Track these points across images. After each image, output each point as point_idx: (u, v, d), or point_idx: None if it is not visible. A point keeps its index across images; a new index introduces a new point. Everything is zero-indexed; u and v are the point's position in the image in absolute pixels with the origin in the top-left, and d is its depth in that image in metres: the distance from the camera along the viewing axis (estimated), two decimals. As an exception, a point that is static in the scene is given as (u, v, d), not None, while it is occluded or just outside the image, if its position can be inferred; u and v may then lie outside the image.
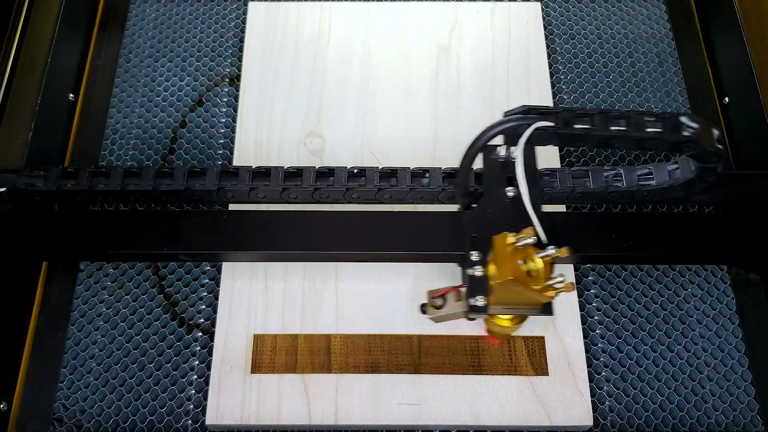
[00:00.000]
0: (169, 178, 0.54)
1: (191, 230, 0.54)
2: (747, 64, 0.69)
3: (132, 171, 0.54)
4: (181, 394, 0.58)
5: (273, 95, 0.69)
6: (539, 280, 0.46)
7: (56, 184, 0.54)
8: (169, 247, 0.54)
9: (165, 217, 0.55)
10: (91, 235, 0.55)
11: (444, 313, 0.54)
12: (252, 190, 0.55)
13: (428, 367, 0.57)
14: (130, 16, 0.77)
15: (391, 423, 0.55)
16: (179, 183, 0.54)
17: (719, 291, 0.63)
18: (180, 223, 0.54)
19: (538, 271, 0.46)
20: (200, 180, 0.55)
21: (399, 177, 0.56)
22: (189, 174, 0.54)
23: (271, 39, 0.73)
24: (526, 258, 0.47)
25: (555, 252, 0.46)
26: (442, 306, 0.54)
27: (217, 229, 0.54)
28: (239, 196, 0.56)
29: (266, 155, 0.66)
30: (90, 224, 0.54)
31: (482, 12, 0.75)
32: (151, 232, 0.54)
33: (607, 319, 0.62)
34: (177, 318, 0.61)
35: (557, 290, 0.46)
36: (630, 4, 0.78)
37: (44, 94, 0.66)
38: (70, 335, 0.60)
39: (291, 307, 0.59)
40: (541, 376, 0.57)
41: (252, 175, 0.55)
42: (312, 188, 0.55)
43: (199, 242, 0.54)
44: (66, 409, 0.58)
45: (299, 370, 0.57)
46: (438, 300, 0.54)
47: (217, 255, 0.59)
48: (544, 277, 0.46)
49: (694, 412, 0.58)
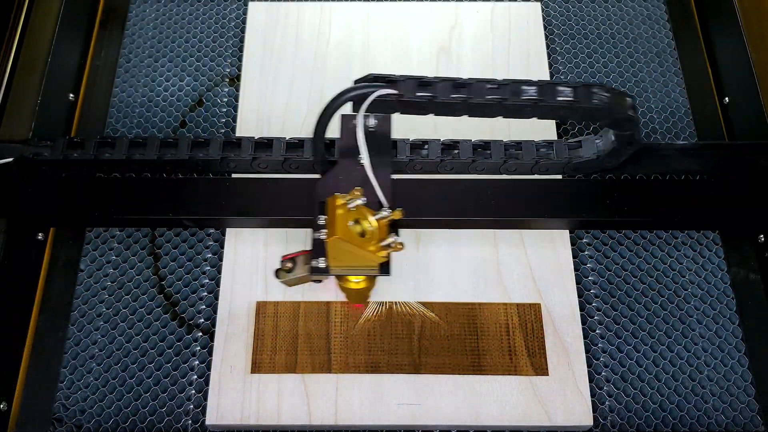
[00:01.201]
0: (173, 148, 0.55)
1: (195, 196, 0.55)
2: (747, 64, 0.69)
3: (137, 141, 0.55)
4: (181, 394, 0.58)
5: (273, 95, 0.69)
6: (373, 241, 0.48)
7: (63, 153, 0.55)
8: (174, 213, 0.55)
9: (169, 184, 0.56)
10: (97, 201, 0.55)
11: (294, 276, 0.55)
12: (254, 160, 0.56)
13: (428, 367, 0.57)
14: (130, 16, 0.77)
15: (391, 423, 0.55)
16: (183, 153, 0.55)
17: (719, 291, 0.63)
18: (184, 189, 0.55)
19: (372, 232, 0.48)
20: (204, 150, 0.56)
21: (398, 148, 0.57)
22: (193, 144, 0.55)
23: (271, 39, 0.73)
24: (360, 219, 0.49)
25: (388, 214, 0.48)
26: (293, 269, 0.55)
27: (219, 196, 0.55)
28: (242, 165, 0.56)
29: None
30: (96, 191, 0.55)
31: (482, 12, 0.75)
32: (155, 198, 0.55)
33: (607, 319, 0.62)
34: (177, 318, 0.61)
35: (389, 250, 0.48)
36: (630, 4, 0.78)
37: (44, 94, 0.66)
38: (70, 335, 0.60)
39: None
40: (541, 376, 0.57)
41: (254, 145, 0.56)
42: (313, 159, 0.56)
43: (202, 208, 0.55)
44: (66, 409, 0.58)
45: (299, 370, 0.57)
46: (288, 263, 0.55)
47: (220, 221, 0.59)
48: (379, 237, 0.48)
49: (694, 412, 0.58)
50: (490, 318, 0.59)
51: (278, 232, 0.62)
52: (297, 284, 0.57)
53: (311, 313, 0.59)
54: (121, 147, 0.55)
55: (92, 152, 0.55)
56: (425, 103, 0.49)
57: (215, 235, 0.64)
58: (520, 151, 0.56)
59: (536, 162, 0.55)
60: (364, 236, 0.48)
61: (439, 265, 0.61)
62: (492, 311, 0.59)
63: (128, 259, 0.64)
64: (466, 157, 0.56)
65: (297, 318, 0.59)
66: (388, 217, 0.48)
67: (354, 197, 0.48)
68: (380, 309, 0.59)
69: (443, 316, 0.59)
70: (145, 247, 0.64)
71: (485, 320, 0.59)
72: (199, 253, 0.64)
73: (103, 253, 0.64)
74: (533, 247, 0.61)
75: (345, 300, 0.58)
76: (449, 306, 0.59)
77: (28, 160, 0.55)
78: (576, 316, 0.59)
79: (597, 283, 0.63)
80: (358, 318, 0.59)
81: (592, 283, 0.63)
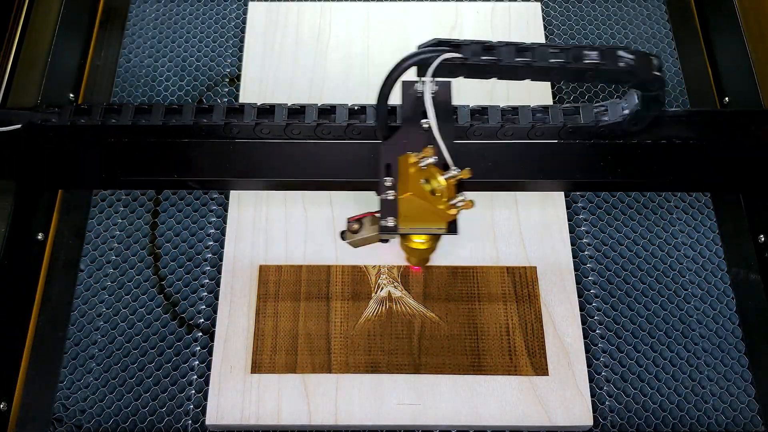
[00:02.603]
0: (177, 114, 0.56)
1: (200, 159, 0.56)
2: (747, 64, 0.69)
3: (143, 107, 0.56)
4: (181, 394, 0.58)
5: (273, 95, 0.69)
6: (442, 200, 0.49)
7: (70, 119, 0.56)
8: (179, 175, 0.56)
9: (175, 147, 0.57)
10: (105, 163, 0.56)
11: (360, 237, 0.56)
12: (257, 126, 0.56)
13: (428, 367, 0.57)
14: (130, 16, 0.77)
15: (391, 423, 0.55)
16: (188, 118, 0.56)
17: (719, 291, 0.63)
18: (189, 152, 0.56)
19: (441, 190, 0.49)
20: (207, 116, 0.56)
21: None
22: (197, 110, 0.56)
23: (271, 39, 0.73)
24: (430, 178, 0.50)
25: (457, 173, 0.49)
26: (359, 230, 0.56)
27: (224, 159, 0.56)
28: (245, 131, 0.57)
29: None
30: (103, 154, 0.56)
31: (482, 12, 0.75)
32: (161, 161, 0.56)
33: (607, 319, 0.62)
34: (177, 318, 0.61)
35: (459, 208, 0.49)
36: (630, 4, 0.78)
37: (44, 94, 0.66)
38: (70, 335, 0.60)
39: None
40: (541, 376, 0.57)
41: (257, 111, 0.57)
42: (314, 124, 0.56)
43: (207, 170, 0.56)
44: (66, 409, 0.58)
45: (299, 370, 0.57)
46: (354, 224, 0.56)
47: (224, 182, 0.60)
48: (447, 196, 0.49)
49: (694, 412, 0.58)
50: (490, 318, 0.59)
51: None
52: (362, 245, 0.58)
53: (311, 313, 0.59)
54: (126, 113, 0.56)
55: (99, 118, 0.56)
56: (489, 66, 0.49)
57: (215, 235, 0.65)
58: (516, 116, 0.57)
59: (532, 126, 0.56)
60: (434, 194, 0.49)
61: None
62: (492, 311, 0.59)
63: (128, 259, 0.64)
64: (464, 122, 0.57)
65: (297, 318, 0.59)
66: (457, 176, 0.49)
67: (426, 155, 0.49)
68: (380, 309, 0.59)
69: (443, 316, 0.59)
70: (145, 247, 0.64)
71: (485, 320, 0.59)
72: (200, 253, 0.64)
73: (103, 253, 0.64)
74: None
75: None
76: (449, 306, 0.59)
77: (37, 126, 0.56)
78: (576, 316, 0.59)
79: (597, 283, 0.63)
80: (358, 318, 0.59)
81: (592, 283, 0.63)
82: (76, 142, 0.57)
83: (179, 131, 0.56)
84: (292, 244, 0.62)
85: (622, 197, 0.67)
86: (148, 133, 0.56)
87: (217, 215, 0.66)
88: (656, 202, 0.67)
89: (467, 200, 0.49)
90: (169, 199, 0.67)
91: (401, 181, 0.49)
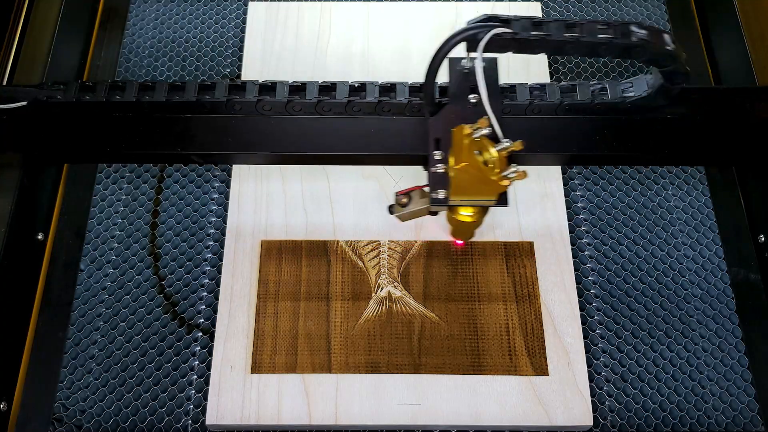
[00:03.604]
0: (181, 91, 0.57)
1: (203, 133, 0.57)
2: (747, 65, 0.69)
3: (146, 85, 0.57)
4: (181, 394, 0.58)
5: (273, 95, 0.69)
6: (494, 171, 0.49)
7: (75, 96, 0.57)
8: (182, 148, 0.57)
9: (178, 121, 0.58)
10: (109, 137, 0.57)
11: (409, 210, 0.57)
12: (258, 102, 0.57)
13: (428, 367, 0.57)
14: (130, 16, 0.77)
15: (391, 423, 0.55)
16: (191, 95, 0.57)
17: (719, 291, 0.63)
18: (192, 127, 0.57)
19: (493, 161, 0.50)
20: (210, 92, 0.57)
21: (398, 91, 0.58)
22: (200, 87, 0.57)
23: (271, 39, 0.73)
24: (482, 150, 0.50)
25: (509, 144, 0.49)
26: (407, 204, 0.57)
27: (226, 133, 0.57)
28: (247, 108, 0.58)
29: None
30: (107, 128, 0.57)
31: (482, 12, 0.74)
32: (165, 135, 0.57)
33: (607, 319, 0.62)
34: (177, 318, 0.61)
35: (511, 179, 0.49)
36: (630, 4, 0.78)
37: (44, 93, 0.66)
38: (70, 335, 0.60)
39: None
40: (541, 376, 0.57)
41: (259, 88, 0.57)
42: (315, 100, 0.57)
43: (209, 144, 0.57)
44: (66, 409, 0.58)
45: (299, 370, 0.57)
46: (403, 198, 0.57)
47: (226, 156, 0.60)
48: (500, 168, 0.50)
49: (694, 412, 0.58)
50: (490, 318, 0.59)
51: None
52: (410, 218, 0.59)
53: (311, 313, 0.59)
54: (131, 90, 0.57)
55: (103, 95, 0.57)
56: (538, 41, 0.50)
57: (215, 235, 0.65)
58: (514, 93, 0.57)
59: (529, 104, 0.57)
60: (486, 165, 0.50)
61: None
62: (492, 311, 0.59)
63: (128, 259, 0.64)
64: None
65: (297, 318, 0.59)
66: (509, 148, 0.50)
67: (480, 126, 0.50)
68: (380, 309, 0.59)
69: (443, 316, 0.59)
70: (145, 247, 0.64)
71: (485, 320, 0.59)
72: (200, 253, 0.64)
73: (103, 253, 0.64)
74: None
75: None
76: (449, 306, 0.59)
77: (42, 102, 0.56)
78: (576, 316, 0.59)
79: (597, 283, 0.63)
80: (358, 318, 0.59)
81: (592, 283, 0.63)
82: (81, 117, 0.58)
83: (182, 108, 0.57)
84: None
85: (623, 197, 0.67)
86: (152, 109, 0.57)
87: (217, 215, 0.66)
88: (656, 202, 0.67)
89: (520, 171, 0.49)
90: (169, 199, 0.67)
91: (455, 152, 0.50)
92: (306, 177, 0.65)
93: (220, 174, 0.68)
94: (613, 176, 0.68)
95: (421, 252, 0.62)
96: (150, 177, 0.68)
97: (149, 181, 0.67)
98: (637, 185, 0.68)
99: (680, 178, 0.68)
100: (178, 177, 0.68)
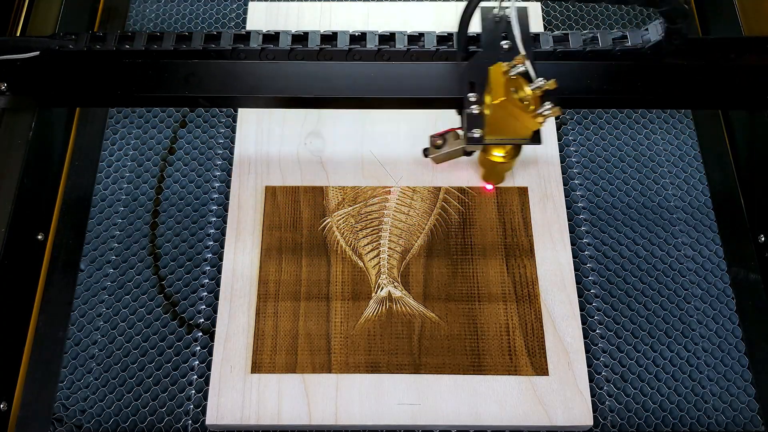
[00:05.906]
0: (188, 40, 0.59)
1: (210, 77, 0.58)
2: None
3: (155, 35, 0.59)
4: (181, 394, 0.58)
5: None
6: (529, 109, 0.50)
7: (86, 45, 0.59)
8: (190, 92, 0.58)
9: (186, 67, 0.59)
10: (119, 82, 0.59)
11: (444, 152, 0.58)
12: (262, 51, 0.59)
13: (428, 367, 0.57)
14: (130, 16, 0.77)
15: (391, 423, 0.55)
16: (197, 44, 0.59)
17: (719, 291, 0.63)
18: (199, 71, 0.58)
19: (528, 99, 0.50)
20: (216, 41, 0.59)
21: (397, 39, 0.59)
22: (206, 37, 0.59)
23: (271, 39, 0.73)
24: (518, 88, 0.51)
25: (544, 83, 0.50)
26: (442, 145, 0.58)
27: (233, 77, 0.58)
28: (251, 56, 0.59)
29: (266, 152, 0.66)
30: (117, 74, 0.59)
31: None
32: (173, 79, 0.59)
33: (607, 319, 0.62)
34: (177, 318, 0.61)
35: (546, 116, 0.50)
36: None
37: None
38: (70, 335, 0.60)
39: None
40: (541, 376, 0.57)
41: (263, 37, 0.59)
42: (317, 48, 0.58)
43: (216, 87, 0.58)
44: (66, 409, 0.58)
45: (299, 370, 0.57)
46: (438, 140, 0.58)
47: (232, 99, 0.61)
48: (534, 106, 0.50)
49: (694, 412, 0.58)
50: (490, 318, 0.59)
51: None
52: (445, 160, 0.60)
53: (311, 313, 0.59)
54: (140, 40, 0.59)
55: (113, 45, 0.58)
56: None
57: (215, 235, 0.65)
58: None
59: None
60: (522, 103, 0.50)
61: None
62: (492, 311, 0.59)
63: (128, 259, 0.64)
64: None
65: (297, 318, 0.59)
66: (544, 87, 0.50)
67: (517, 63, 0.50)
68: (380, 309, 0.59)
69: (443, 316, 0.59)
70: (145, 247, 0.64)
71: (485, 320, 0.59)
72: (199, 253, 0.64)
73: (103, 253, 0.64)
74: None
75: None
76: (449, 306, 0.59)
77: (54, 51, 0.58)
78: (576, 316, 0.59)
79: (597, 283, 0.63)
80: (358, 318, 0.59)
81: (592, 283, 0.63)
82: (92, 65, 0.59)
83: (189, 56, 0.59)
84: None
85: (623, 197, 0.67)
86: (161, 57, 0.59)
87: (217, 215, 0.66)
88: (656, 202, 0.67)
89: (554, 107, 0.49)
90: (169, 199, 0.67)
91: (493, 89, 0.50)
92: (305, 171, 0.66)
93: (221, 174, 0.68)
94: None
95: (421, 252, 0.62)
96: (150, 177, 0.68)
97: (149, 181, 0.68)
98: (637, 185, 0.68)
99: (680, 178, 0.68)
100: (179, 177, 0.68)
